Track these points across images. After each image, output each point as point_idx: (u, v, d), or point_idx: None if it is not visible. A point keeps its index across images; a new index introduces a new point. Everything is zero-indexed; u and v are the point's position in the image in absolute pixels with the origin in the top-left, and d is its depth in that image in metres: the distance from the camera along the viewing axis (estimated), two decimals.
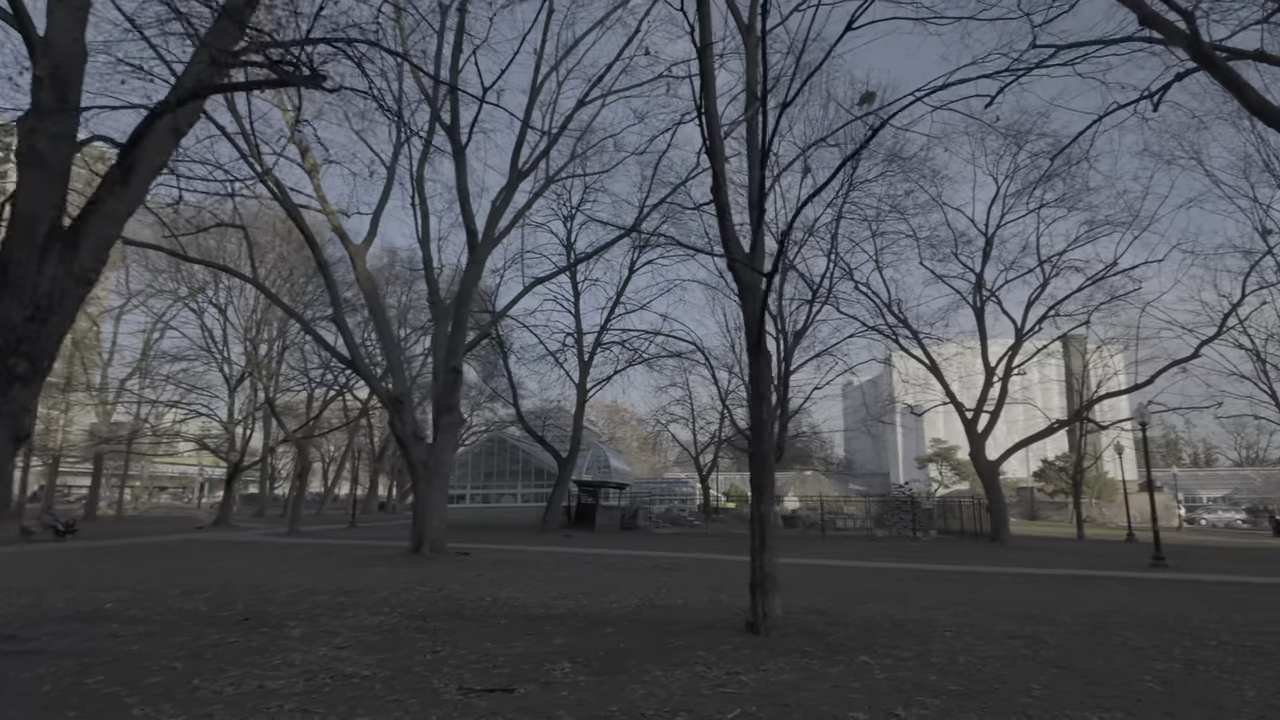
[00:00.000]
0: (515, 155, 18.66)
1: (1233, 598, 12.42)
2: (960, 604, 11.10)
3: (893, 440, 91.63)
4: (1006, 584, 14.44)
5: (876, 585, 13.72)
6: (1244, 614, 10.23)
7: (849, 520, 40.30)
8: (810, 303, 25.40)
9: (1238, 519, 59.31)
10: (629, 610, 9.96)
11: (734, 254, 8.56)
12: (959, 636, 8.11)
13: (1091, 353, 33.92)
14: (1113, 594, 12.91)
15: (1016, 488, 65.47)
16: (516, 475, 35.90)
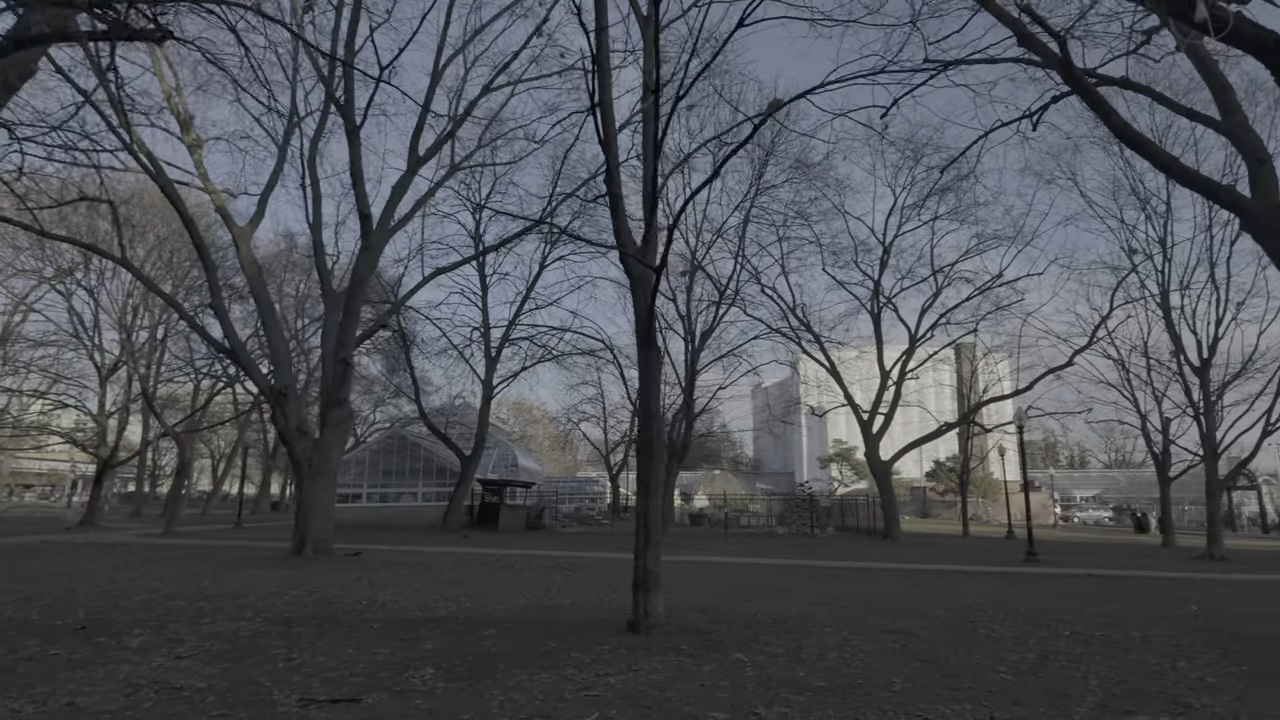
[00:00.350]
0: (415, 140, 17.94)
1: (1090, 590, 13.26)
2: (843, 599, 11.36)
3: (798, 441, 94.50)
4: (890, 579, 14.93)
5: (768, 582, 13.91)
6: (1097, 605, 10.90)
7: (753, 518, 41.21)
8: (718, 304, 25.72)
9: (1105, 517, 64.27)
10: (514, 612, 9.66)
11: (624, 246, 8.41)
12: (836, 632, 8.23)
13: (979, 359, 35.87)
14: (985, 588, 13.55)
15: (910, 487, 68.62)
16: (418, 474, 34.73)
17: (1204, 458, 24.24)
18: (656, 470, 8.18)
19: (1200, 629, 8.54)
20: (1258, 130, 20.97)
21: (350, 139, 17.05)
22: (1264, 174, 10.70)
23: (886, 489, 29.62)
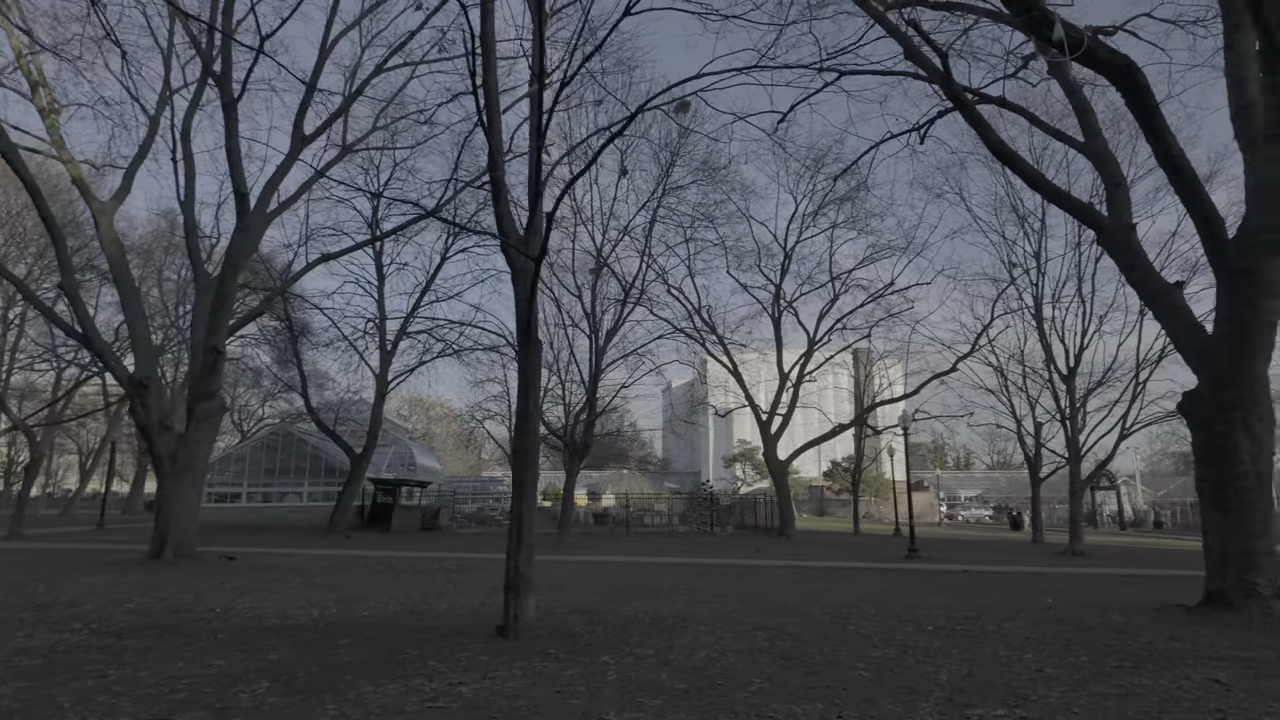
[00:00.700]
0: (299, 117, 16.89)
1: (961, 585, 13.88)
2: (727, 596, 11.40)
3: (705, 441, 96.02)
4: (777, 576, 15.18)
5: (658, 580, 13.85)
6: (964, 600, 11.37)
7: (656, 517, 41.45)
8: (623, 302, 25.59)
9: (985, 515, 68.37)
10: (381, 618, 9.15)
11: (506, 234, 8.08)
12: (711, 630, 8.18)
13: (873, 364, 37.34)
14: (865, 584, 13.97)
15: (809, 486, 70.90)
16: (304, 472, 32.92)
17: (1069, 460, 26.10)
18: (531, 471, 7.89)
19: (1051, 620, 9.00)
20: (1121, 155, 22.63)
21: (226, 112, 15.85)
22: (1119, 195, 11.46)
23: (783, 488, 30.36)
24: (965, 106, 11.28)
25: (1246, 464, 9.12)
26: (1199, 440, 9.43)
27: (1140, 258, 10.86)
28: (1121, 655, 6.87)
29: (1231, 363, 8.79)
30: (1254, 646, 7.28)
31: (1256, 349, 8.67)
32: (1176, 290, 10.51)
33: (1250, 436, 9.21)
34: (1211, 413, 9.11)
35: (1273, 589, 8.99)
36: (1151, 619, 9.04)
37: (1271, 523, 9.17)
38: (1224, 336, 8.91)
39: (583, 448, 25.63)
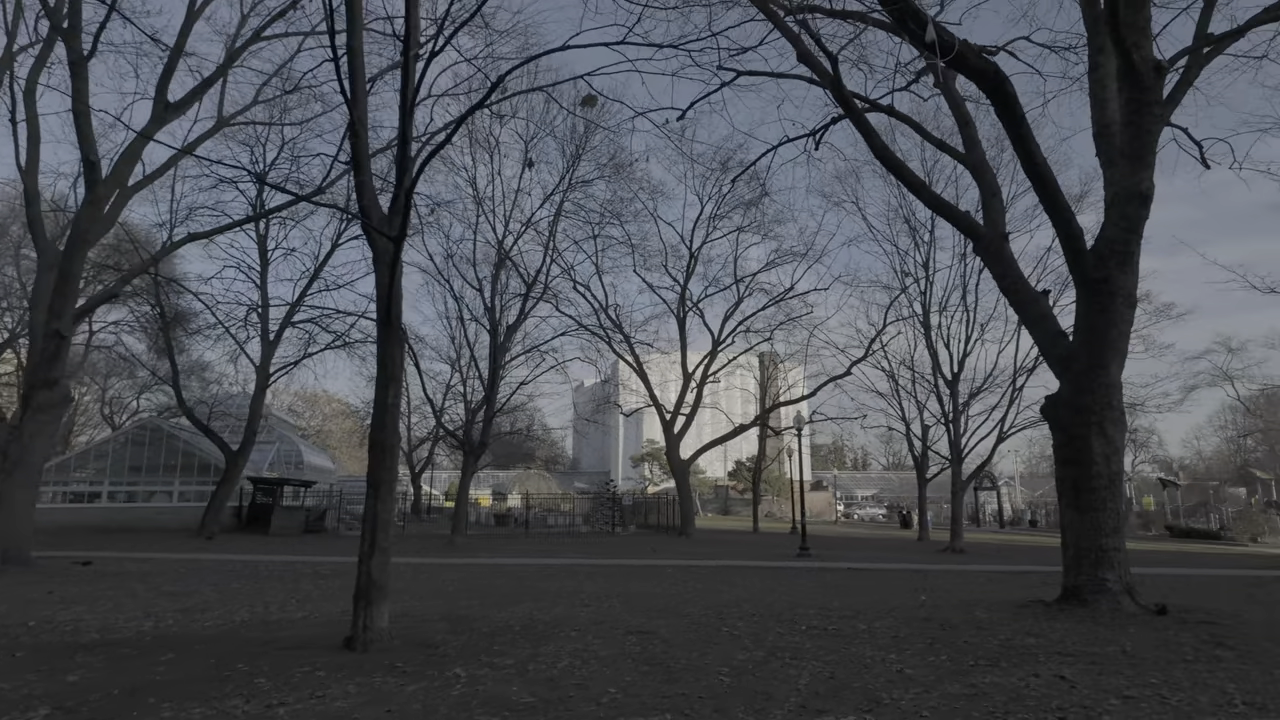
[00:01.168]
0: (162, 83, 15.45)
1: (842, 582, 14.12)
2: (612, 599, 11.11)
3: (615, 440, 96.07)
4: (667, 576, 15.04)
5: (546, 583, 13.42)
6: (843, 598, 11.51)
7: (561, 517, 40.92)
8: (525, 297, 24.96)
9: (880, 514, 71.36)
10: (223, 629, 8.33)
11: (366, 213, 7.47)
12: (582, 636, 7.84)
13: (775, 366, 38.12)
14: (752, 583, 14.01)
15: (715, 485, 71.99)
16: (175, 470, 30.49)
17: (951, 461, 27.38)
18: (388, 469, 7.31)
19: (920, 618, 9.14)
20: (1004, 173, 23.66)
21: (74, 71, 14.27)
22: (994, 205, 11.85)
23: (684, 487, 30.50)
24: (854, 112, 11.41)
25: (1100, 465, 9.56)
26: (1059, 442, 9.82)
27: (1012, 267, 11.28)
28: (979, 653, 6.97)
29: (1088, 368, 9.19)
30: (1101, 641, 7.56)
31: (1110, 355, 9.09)
32: (1043, 299, 10.96)
33: (1104, 439, 9.67)
34: (1070, 416, 9.51)
35: (1122, 584, 9.46)
36: (1012, 615, 9.33)
37: (1121, 521, 9.66)
38: (1082, 343, 9.31)
39: (480, 446, 24.83)
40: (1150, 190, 8.52)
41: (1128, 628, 8.29)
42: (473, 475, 25.70)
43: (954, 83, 13.37)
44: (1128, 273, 8.81)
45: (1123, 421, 9.98)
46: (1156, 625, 8.48)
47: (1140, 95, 8.30)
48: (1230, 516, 36.95)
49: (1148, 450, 71.43)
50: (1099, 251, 8.74)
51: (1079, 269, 8.75)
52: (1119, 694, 5.52)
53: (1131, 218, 8.63)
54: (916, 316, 28.92)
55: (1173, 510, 45.60)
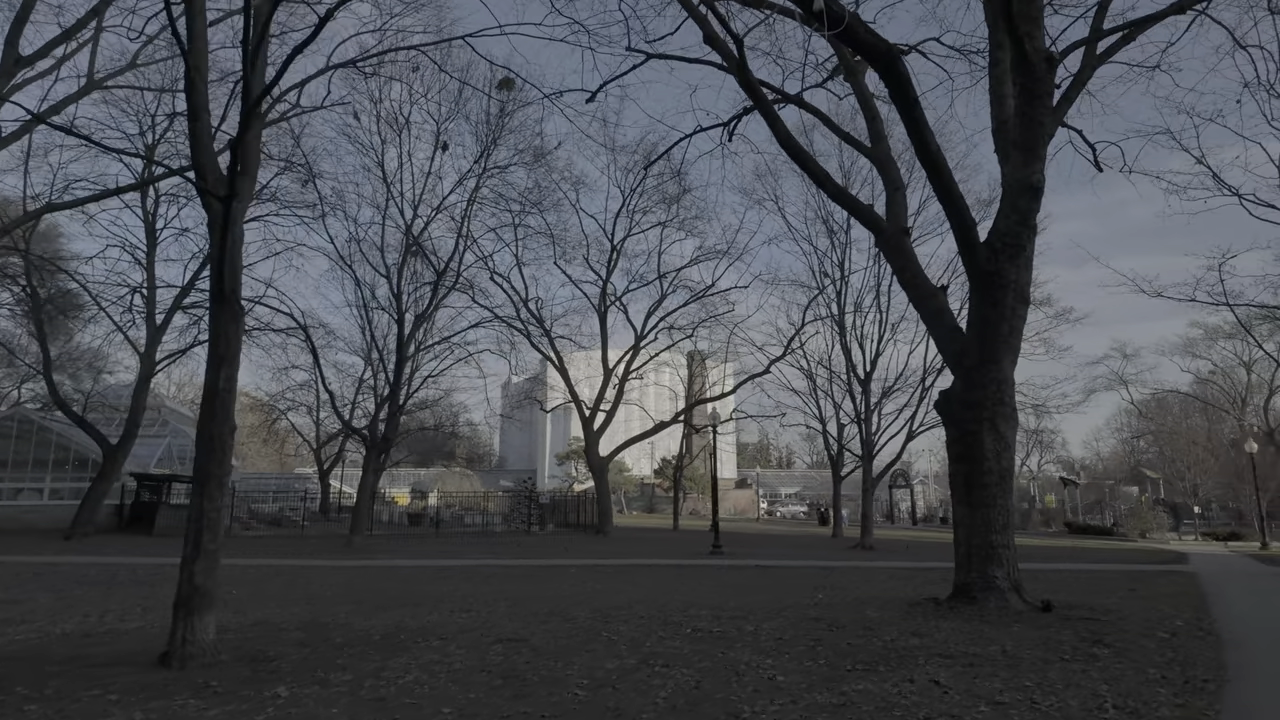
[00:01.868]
0: (13, 33, 13.90)
1: (745, 581, 13.84)
2: (498, 603, 10.45)
3: (543, 437, 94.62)
4: (570, 577, 14.48)
5: (433, 587, 12.63)
6: (741, 598, 11.17)
7: (479, 516, 39.75)
8: (435, 285, 23.87)
9: (801, 512, 72.63)
10: (33, 644, 7.31)
11: (200, 170, 6.60)
12: (445, 646, 7.18)
13: (698, 363, 38.01)
14: (652, 582, 13.57)
15: (641, 483, 71.82)
16: (47, 465, 28.03)
17: (862, 458, 27.76)
18: (218, 463, 6.48)
19: (810, 618, 8.85)
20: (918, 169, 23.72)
21: None
22: (897, 200, 11.73)
23: (602, 485, 29.97)
24: (759, 99, 11.10)
25: (991, 461, 9.50)
26: (951, 437, 9.72)
27: (911, 261, 11.18)
28: (859, 657, 6.66)
29: (979, 363, 9.10)
30: (984, 641, 7.39)
31: (1002, 350, 9.02)
32: (941, 294, 10.88)
33: (995, 435, 9.61)
34: (963, 411, 9.40)
35: (1010, 581, 9.41)
36: (902, 614, 9.15)
37: (1011, 517, 9.62)
38: (974, 337, 9.21)
39: (384, 442, 23.63)
40: (1041, 182, 8.46)
41: (1012, 626, 8.19)
42: (377, 472, 24.46)
43: (863, 77, 13.26)
44: (1019, 266, 8.74)
45: (1014, 418, 9.96)
46: (1040, 622, 8.41)
47: (1033, 85, 8.22)
48: (1123, 513, 38.97)
49: (1052, 451, 75.14)
50: (991, 244, 8.64)
51: (972, 261, 8.63)
52: (991, 699, 5.25)
53: (1023, 210, 8.55)
54: (833, 316, 29.23)
55: (1072, 508, 47.92)
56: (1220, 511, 50.07)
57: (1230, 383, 48.35)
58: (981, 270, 8.65)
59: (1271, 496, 42.39)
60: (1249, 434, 35.66)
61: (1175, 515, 40.17)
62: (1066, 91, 10.77)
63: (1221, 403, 48.29)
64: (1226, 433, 51.37)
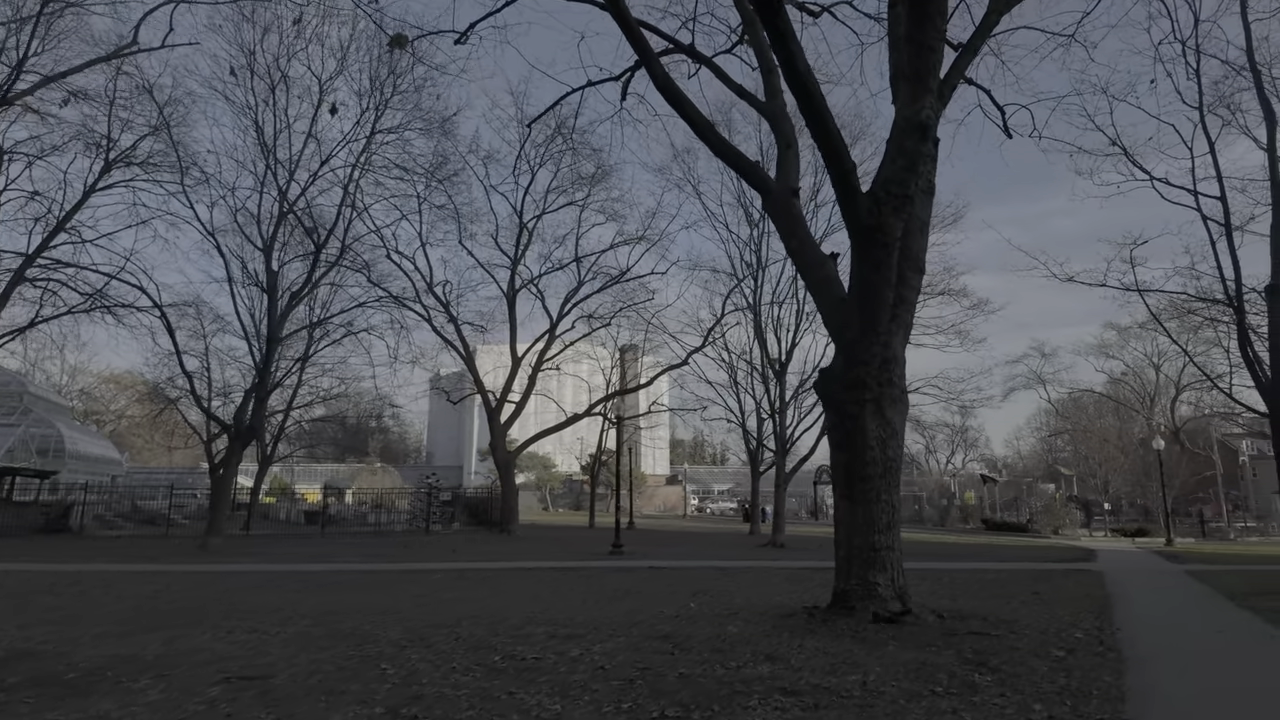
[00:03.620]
0: None
1: (623, 586, 12.34)
2: (300, 620, 8.69)
3: (470, 432, 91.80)
4: (423, 584, 12.80)
5: (247, 598, 10.75)
6: (601, 608, 9.68)
7: (388, 514, 37.44)
8: (314, 258, 21.62)
9: (730, 508, 72.10)
10: None
11: None
12: (153, 686, 5.47)
13: (632, 357, 36.49)
14: (520, 588, 11.98)
15: (568, 479, 70.10)
16: None
17: (776, 453, 26.77)
18: None
19: (658, 636, 7.41)
20: None
21: None
22: (789, 158, 10.38)
23: (508, 481, 28.17)
24: (636, 39, 9.59)
25: (875, 450, 8.24)
26: (831, 423, 8.45)
27: (800, 225, 9.88)
28: (680, 696, 5.22)
29: (861, 335, 7.81)
30: (846, 666, 6.06)
31: (885, 319, 7.73)
32: (830, 262, 9.59)
33: (881, 420, 8.35)
34: (843, 392, 8.10)
35: (893, 589, 8.17)
36: (769, 629, 7.79)
37: (895, 515, 8.38)
38: (855, 306, 7.93)
39: (249, 431, 21.29)
40: (931, 121, 7.22)
41: (888, 644, 6.90)
42: (238, 460, 22.06)
43: (761, 30, 11.94)
44: (914, 229, 7.48)
45: (904, 401, 8.73)
46: (922, 639, 7.16)
47: (922, 5, 6.97)
48: (1037, 510, 39.26)
49: (976, 449, 76.67)
50: (874, 194, 7.34)
51: (852, 214, 7.31)
52: None
53: (911, 153, 7.28)
54: (749, 304, 28.11)
55: (990, 504, 48.34)
56: (1130, 508, 51.44)
57: (1141, 383, 49.65)
58: (862, 225, 7.34)
59: (1177, 494, 43.60)
60: (1156, 433, 36.30)
61: (1087, 512, 40.77)
62: (970, 40, 9.63)
63: (1132, 403, 49.52)
64: (1136, 432, 52.84)
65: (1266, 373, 12.92)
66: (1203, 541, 32.83)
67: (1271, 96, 13.23)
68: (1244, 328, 13.48)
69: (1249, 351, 13.19)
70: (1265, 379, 12.78)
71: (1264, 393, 12.79)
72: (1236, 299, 13.43)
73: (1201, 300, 17.72)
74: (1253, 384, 14.02)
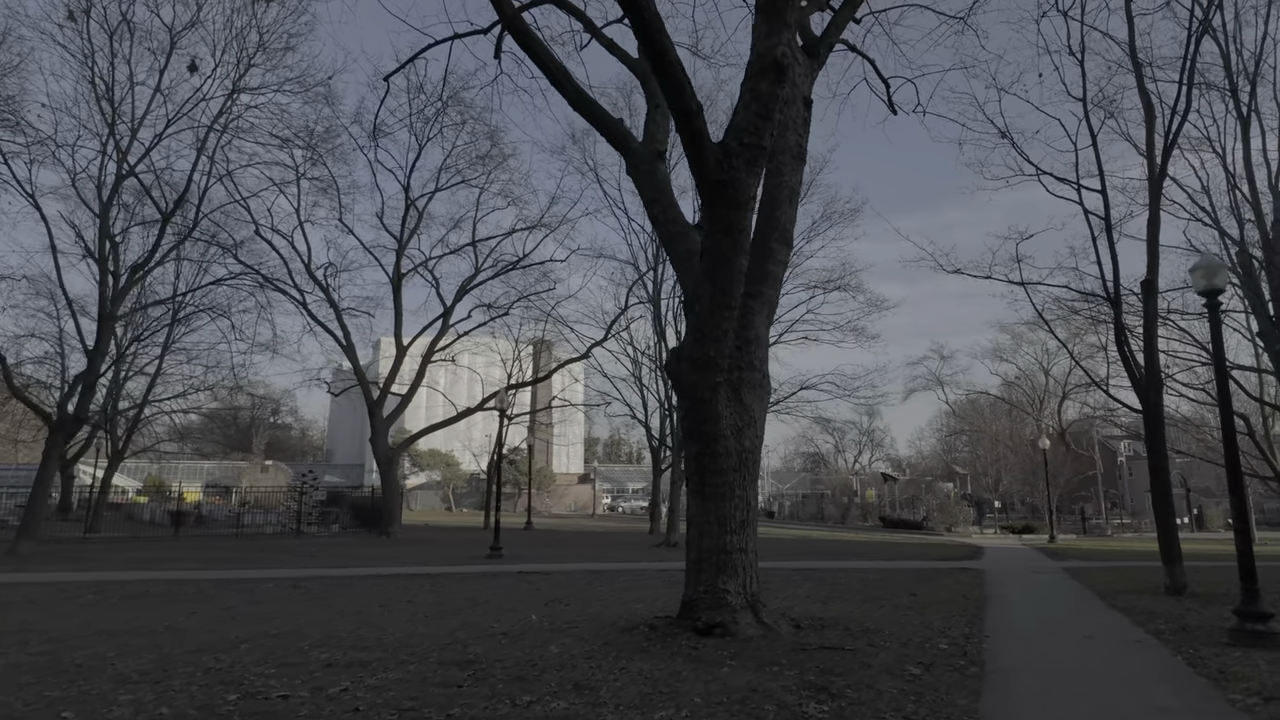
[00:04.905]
0: None
1: (476, 595, 11.04)
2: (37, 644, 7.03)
3: None
4: (262, 593, 11.26)
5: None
6: (429, 624, 8.37)
7: (264, 515, 34.71)
8: (161, 226, 19.21)
9: (641, 507, 71.39)
10: None
11: None
12: None
13: (547, 352, 34.95)
14: (353, 599, 10.50)
15: (472, 478, 67.78)
16: None
17: (672, 449, 25.93)
18: None
19: (458, 662, 6.19)
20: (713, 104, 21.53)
21: None
22: (656, 118, 9.29)
23: (389, 479, 26.22)
24: None
25: (729, 440, 7.27)
26: (683, 408, 7.42)
27: (664, 193, 8.85)
28: None
29: (713, 308, 6.80)
30: (659, 699, 5.01)
31: (736, 291, 6.75)
32: (695, 232, 8.57)
33: (737, 406, 7.40)
34: (694, 374, 7.09)
35: (745, 597, 7.22)
36: (600, 646, 6.70)
37: (751, 513, 7.44)
38: (706, 273, 6.93)
39: (74, 421, 18.75)
40: (786, 60, 6.29)
41: (723, 665, 5.91)
42: (58, 453, 19.45)
43: None
44: (759, 175, 6.52)
45: (765, 387, 7.82)
46: (765, 656, 6.22)
47: None
48: (933, 508, 40.07)
49: (883, 449, 78.67)
50: (726, 145, 6.35)
51: (700, 165, 6.30)
52: None
53: (765, 97, 6.33)
54: (648, 295, 27.19)
55: (891, 503, 49.31)
56: (1021, 506, 53.58)
57: (1032, 386, 51.74)
58: (711, 180, 6.33)
59: (1062, 492, 45.53)
60: (1043, 433, 37.59)
61: (979, 510, 41.94)
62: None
63: (1023, 405, 51.54)
64: (1027, 434, 55.13)
65: (1141, 370, 12.78)
66: (1083, 538, 34.16)
67: (1151, 92, 13.17)
68: (1120, 324, 13.38)
69: (1125, 349, 13.07)
70: (1140, 376, 12.64)
71: (1138, 389, 12.66)
72: (1114, 294, 13.30)
73: (1083, 295, 17.88)
74: (1129, 383, 13.96)
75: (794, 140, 8.33)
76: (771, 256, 8.01)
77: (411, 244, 28.99)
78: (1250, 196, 17.36)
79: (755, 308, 7.85)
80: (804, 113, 8.39)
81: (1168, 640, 7.72)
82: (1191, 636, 7.94)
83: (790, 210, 8.23)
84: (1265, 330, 18.84)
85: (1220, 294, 8.46)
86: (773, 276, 8.01)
